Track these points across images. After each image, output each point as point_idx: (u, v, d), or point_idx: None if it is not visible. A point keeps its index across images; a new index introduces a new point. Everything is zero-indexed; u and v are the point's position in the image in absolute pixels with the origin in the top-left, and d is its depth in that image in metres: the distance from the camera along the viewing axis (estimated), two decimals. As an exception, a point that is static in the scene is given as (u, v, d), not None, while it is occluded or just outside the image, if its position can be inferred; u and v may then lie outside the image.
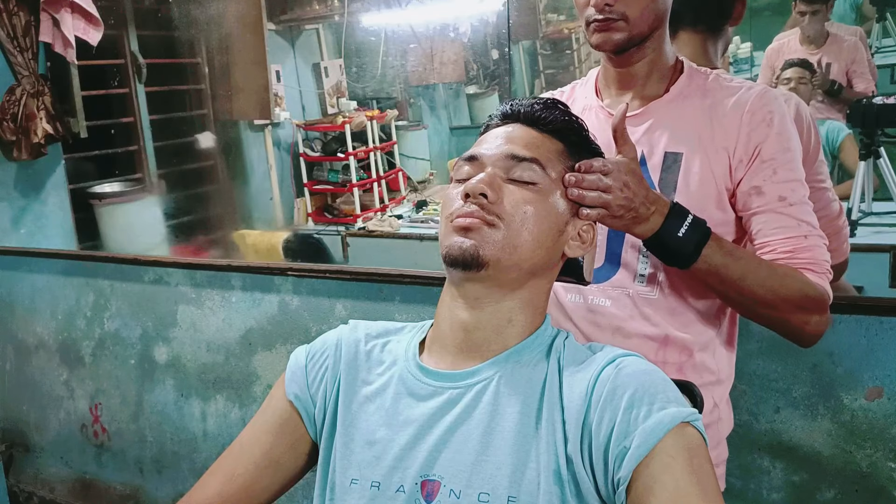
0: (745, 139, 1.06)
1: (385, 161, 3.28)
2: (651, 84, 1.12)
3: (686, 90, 1.11)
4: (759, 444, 1.55)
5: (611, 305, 1.12)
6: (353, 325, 0.96)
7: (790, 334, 1.08)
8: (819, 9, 2.15)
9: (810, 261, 1.04)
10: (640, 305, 1.11)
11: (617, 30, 1.05)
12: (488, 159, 0.86)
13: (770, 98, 1.07)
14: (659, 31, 1.09)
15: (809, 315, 1.04)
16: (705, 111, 1.08)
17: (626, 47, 1.07)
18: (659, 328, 1.11)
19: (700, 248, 0.98)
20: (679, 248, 0.98)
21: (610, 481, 0.76)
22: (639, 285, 1.11)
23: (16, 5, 2.36)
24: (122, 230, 2.89)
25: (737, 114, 1.06)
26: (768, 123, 1.05)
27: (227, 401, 2.30)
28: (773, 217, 1.05)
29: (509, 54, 2.67)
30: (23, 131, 2.44)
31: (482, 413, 0.82)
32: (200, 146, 3.20)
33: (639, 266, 1.11)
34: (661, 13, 1.08)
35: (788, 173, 1.05)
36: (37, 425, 2.76)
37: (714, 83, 1.11)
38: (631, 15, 1.04)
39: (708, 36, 1.42)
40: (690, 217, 0.98)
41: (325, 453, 0.89)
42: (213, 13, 2.96)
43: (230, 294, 2.23)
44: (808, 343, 1.08)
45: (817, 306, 1.04)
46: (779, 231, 1.05)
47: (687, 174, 1.07)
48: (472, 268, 0.81)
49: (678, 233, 0.97)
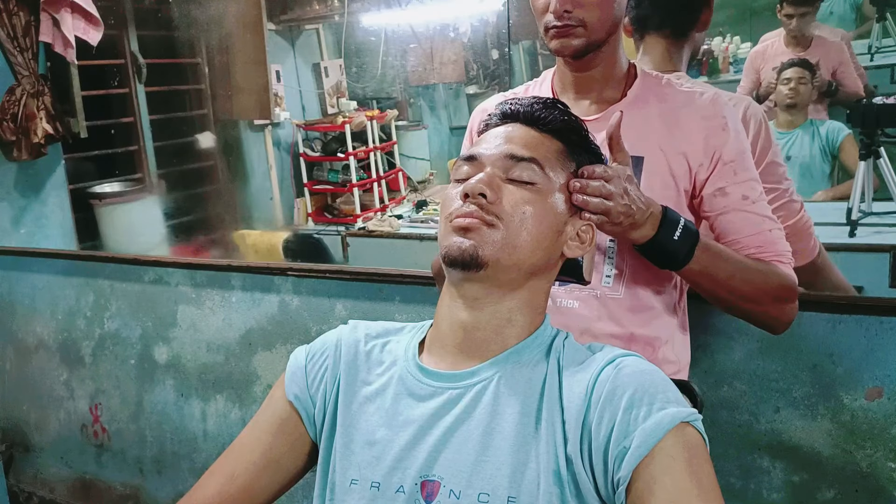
0: (702, 144, 1.10)
1: (385, 161, 3.28)
2: (608, 88, 1.15)
3: (642, 94, 1.14)
4: (759, 444, 1.55)
5: (579, 307, 1.16)
6: (353, 325, 0.96)
7: (766, 324, 1.15)
8: (807, 11, 2.16)
9: (778, 253, 1.11)
10: (606, 305, 1.15)
11: (575, 35, 1.07)
12: (487, 159, 0.86)
13: (722, 103, 1.12)
14: (614, 36, 1.12)
15: (785, 304, 1.12)
16: (662, 116, 1.12)
17: (584, 52, 1.09)
18: (624, 328, 1.15)
19: (693, 250, 1.03)
20: (675, 252, 1.02)
21: (610, 481, 0.76)
22: (605, 286, 1.15)
23: (16, 5, 2.36)
24: (122, 230, 2.90)
25: (692, 119, 1.11)
26: (723, 128, 1.10)
27: (227, 401, 2.30)
28: (739, 215, 1.11)
29: (509, 54, 2.67)
30: (23, 131, 2.44)
31: (482, 413, 0.82)
32: (200, 146, 3.20)
33: (605, 268, 1.15)
34: (618, 18, 1.11)
35: (746, 173, 1.12)
36: (37, 425, 2.76)
37: (668, 87, 1.14)
38: (589, 21, 1.06)
39: (674, 41, 1.44)
40: (682, 221, 1.02)
41: (325, 454, 0.89)
42: (213, 13, 2.96)
43: (230, 294, 2.23)
44: (782, 331, 1.15)
45: (790, 295, 1.11)
46: (745, 228, 1.11)
47: (649, 177, 1.11)
48: (471, 268, 0.81)
49: (674, 237, 1.01)
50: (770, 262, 1.10)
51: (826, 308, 1.46)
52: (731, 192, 1.10)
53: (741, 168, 1.11)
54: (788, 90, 2.23)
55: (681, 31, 1.44)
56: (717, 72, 2.55)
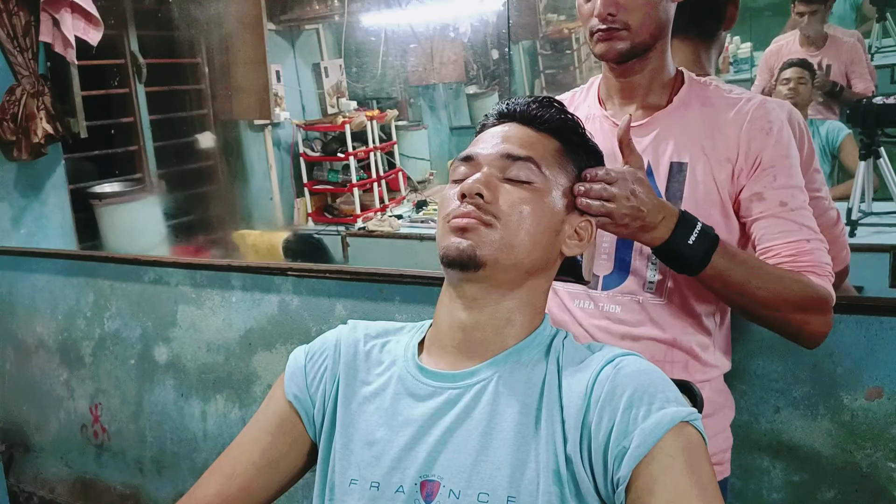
0: (745, 148, 1.08)
1: (385, 161, 3.28)
2: (653, 94, 1.14)
3: (687, 100, 1.13)
4: (759, 444, 1.55)
5: (621, 311, 1.15)
6: (353, 325, 0.96)
7: (792, 335, 1.10)
8: (818, 9, 2.15)
9: (813, 263, 1.06)
10: (649, 311, 1.14)
11: (620, 39, 1.07)
12: (484, 159, 0.86)
13: (768, 108, 1.10)
14: (661, 42, 1.11)
15: (810, 315, 1.06)
16: (707, 121, 1.11)
17: (628, 56, 1.09)
18: (667, 332, 1.14)
19: (709, 255, 1.00)
20: (690, 256, 1.00)
21: (609, 481, 0.76)
22: (648, 292, 1.14)
23: (16, 5, 2.36)
24: (122, 230, 2.90)
25: (737, 124, 1.09)
26: (767, 132, 1.08)
27: (227, 401, 2.30)
28: (775, 222, 1.07)
29: (509, 54, 2.67)
30: (23, 131, 2.44)
31: (481, 413, 0.82)
32: (200, 146, 3.20)
33: (648, 274, 1.14)
34: (663, 23, 1.10)
35: (788, 179, 1.08)
36: (37, 425, 2.76)
37: (714, 93, 1.13)
38: (633, 24, 1.06)
39: (700, 42, 1.41)
40: (699, 225, 1.00)
41: (325, 453, 0.89)
42: (213, 13, 2.96)
43: (230, 294, 2.23)
44: (811, 344, 1.10)
45: (818, 307, 1.06)
46: (781, 235, 1.07)
47: (692, 183, 1.10)
48: (469, 268, 0.81)
49: (688, 241, 0.99)
50: (801, 272, 1.05)
51: (826, 308, 1.46)
52: (768, 197, 1.07)
53: (782, 174, 1.08)
54: (788, 90, 2.23)
55: (707, 32, 1.41)
56: (717, 72, 2.55)
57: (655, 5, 1.07)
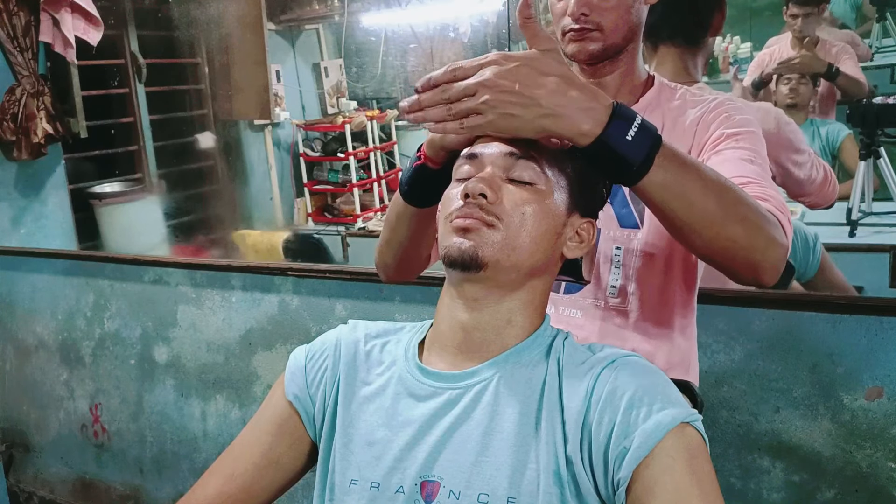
0: (702, 129, 1.07)
1: (385, 161, 3.28)
2: (622, 96, 1.13)
3: (654, 101, 1.13)
4: (759, 444, 1.55)
5: (581, 317, 1.14)
6: (353, 324, 0.96)
7: (742, 265, 0.88)
8: (811, 11, 2.15)
9: (767, 194, 0.92)
10: (611, 318, 1.13)
11: (592, 40, 1.06)
12: (488, 157, 0.86)
13: (731, 102, 1.10)
14: (632, 45, 1.11)
15: (761, 240, 0.85)
16: (669, 119, 1.10)
17: (600, 58, 1.09)
18: (627, 342, 1.11)
19: (652, 156, 0.79)
20: (627, 156, 0.78)
21: (610, 482, 0.76)
22: (610, 297, 1.13)
23: (16, 5, 2.36)
24: (122, 230, 2.90)
25: (697, 116, 1.09)
26: (727, 117, 1.07)
27: (227, 401, 2.30)
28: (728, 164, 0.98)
29: (509, 54, 2.67)
30: (23, 131, 2.44)
31: (482, 414, 0.82)
32: (200, 146, 3.20)
33: (610, 278, 1.12)
34: (635, 25, 1.10)
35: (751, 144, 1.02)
36: (37, 425, 2.76)
37: (681, 95, 1.13)
38: (606, 25, 1.06)
39: (687, 49, 1.41)
40: (639, 118, 0.79)
41: (325, 453, 0.89)
42: (213, 13, 2.96)
43: (230, 294, 2.23)
44: (762, 276, 0.88)
45: (770, 231, 0.86)
46: (736, 170, 0.95)
47: None
48: (471, 269, 0.81)
49: (626, 136, 0.78)
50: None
51: (826, 308, 1.46)
52: (724, 149, 1.03)
53: (745, 139, 1.02)
54: (788, 90, 2.23)
55: (694, 40, 1.41)
56: (716, 72, 2.54)
57: (629, 8, 1.07)
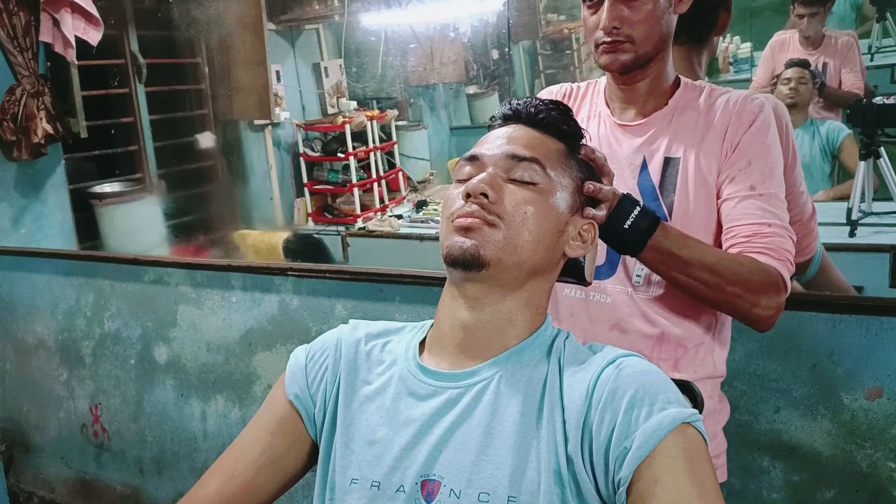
0: (731, 135, 1.13)
1: (385, 161, 3.28)
2: (651, 100, 1.19)
3: (682, 102, 1.18)
4: (759, 444, 1.55)
5: (610, 302, 1.18)
6: (353, 324, 0.96)
7: (741, 317, 1.10)
8: (817, 11, 2.16)
9: (768, 246, 1.07)
10: (638, 304, 1.17)
11: (623, 51, 1.11)
12: (489, 159, 0.86)
13: (755, 99, 1.14)
14: (663, 53, 1.16)
15: (758, 297, 1.05)
16: (698, 119, 1.16)
17: (632, 68, 1.14)
18: (656, 326, 1.16)
19: (645, 239, 1.01)
20: (625, 239, 1.01)
21: (610, 482, 0.76)
22: (636, 285, 1.17)
23: (16, 5, 2.36)
24: (122, 230, 2.89)
25: (726, 114, 1.14)
26: (751, 121, 1.12)
27: (227, 401, 2.30)
28: (742, 204, 1.10)
29: (509, 54, 2.67)
30: (23, 131, 2.44)
31: (482, 413, 0.82)
32: (200, 146, 3.20)
33: (636, 268, 1.17)
34: (665, 35, 1.14)
35: (762, 166, 1.11)
36: (37, 425, 2.76)
37: (706, 94, 1.18)
38: (637, 37, 1.10)
39: (691, 48, 1.42)
40: (637, 210, 1.00)
41: (325, 453, 0.89)
42: (213, 13, 2.96)
43: (230, 294, 2.23)
44: (760, 325, 1.09)
45: (765, 288, 1.05)
46: (743, 217, 1.09)
47: (684, 176, 1.14)
48: (472, 268, 0.81)
49: (624, 225, 0.99)
50: (753, 254, 1.06)
51: (826, 308, 1.46)
52: (740, 180, 1.10)
53: (757, 159, 1.10)
54: (789, 90, 2.23)
55: (699, 38, 1.43)
56: (716, 72, 2.54)
57: (658, 19, 1.11)
